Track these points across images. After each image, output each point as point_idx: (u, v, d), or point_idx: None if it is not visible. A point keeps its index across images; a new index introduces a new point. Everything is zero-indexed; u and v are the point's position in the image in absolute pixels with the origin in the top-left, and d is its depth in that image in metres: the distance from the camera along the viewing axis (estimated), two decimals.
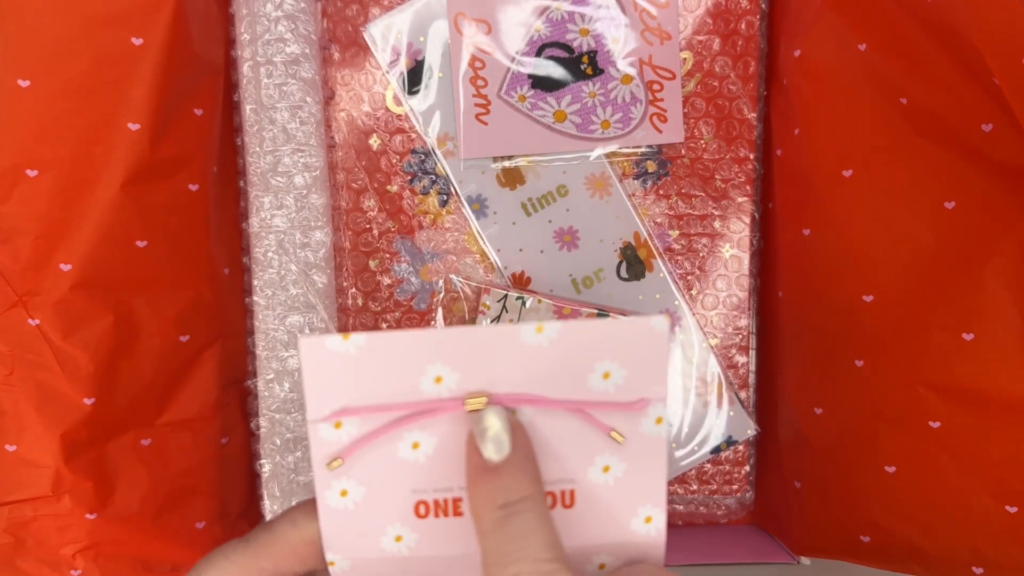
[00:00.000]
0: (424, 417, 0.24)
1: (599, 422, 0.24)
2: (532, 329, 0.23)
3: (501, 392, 0.24)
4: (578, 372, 0.24)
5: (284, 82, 0.46)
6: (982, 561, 0.41)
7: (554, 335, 0.23)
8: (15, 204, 0.39)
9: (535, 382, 0.24)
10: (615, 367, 0.24)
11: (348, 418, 0.24)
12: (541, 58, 0.49)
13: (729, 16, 0.49)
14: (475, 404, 0.24)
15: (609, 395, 0.24)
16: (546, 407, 0.24)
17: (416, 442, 0.24)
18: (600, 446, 0.25)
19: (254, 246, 0.47)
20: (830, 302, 0.45)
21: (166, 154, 0.43)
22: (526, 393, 0.24)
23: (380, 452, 0.24)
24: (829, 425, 0.47)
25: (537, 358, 0.24)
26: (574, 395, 0.24)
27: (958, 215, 0.39)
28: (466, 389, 0.24)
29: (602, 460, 0.25)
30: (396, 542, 0.25)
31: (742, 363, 0.52)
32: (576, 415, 0.24)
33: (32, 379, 0.41)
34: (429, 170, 0.50)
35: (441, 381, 0.24)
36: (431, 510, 0.25)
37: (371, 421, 0.24)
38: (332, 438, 0.24)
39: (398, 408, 0.24)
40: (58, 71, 0.39)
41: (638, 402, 0.24)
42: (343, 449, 0.24)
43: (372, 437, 0.24)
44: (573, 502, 0.25)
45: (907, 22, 0.39)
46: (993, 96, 0.35)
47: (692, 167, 0.51)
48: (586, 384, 0.24)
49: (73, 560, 0.42)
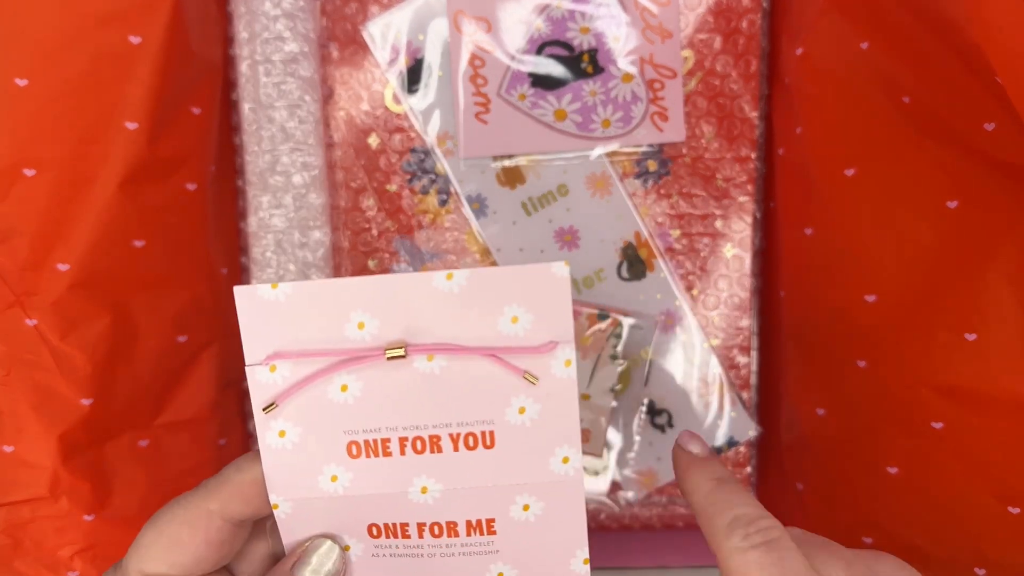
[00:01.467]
0: (349, 365, 0.26)
1: (512, 365, 0.26)
2: (443, 276, 0.25)
3: (418, 341, 0.26)
4: (488, 316, 0.26)
5: (282, 81, 0.46)
6: (984, 562, 0.41)
7: (463, 281, 0.25)
8: (12, 204, 0.39)
9: (449, 326, 0.26)
10: (522, 311, 0.26)
11: (281, 362, 0.26)
12: (541, 56, 0.49)
13: (731, 14, 0.49)
14: (394, 353, 0.26)
15: (519, 339, 0.26)
16: (461, 354, 0.26)
17: (344, 384, 0.26)
18: (515, 387, 0.26)
19: (252, 246, 0.47)
20: (832, 302, 0.45)
21: (164, 153, 0.43)
22: (441, 342, 0.26)
23: (312, 395, 0.26)
24: (831, 426, 0.46)
25: (449, 303, 0.25)
26: (486, 340, 0.26)
27: (961, 214, 0.39)
28: (386, 335, 0.26)
29: (517, 402, 0.26)
30: (332, 482, 0.27)
31: (744, 363, 0.52)
32: (490, 359, 0.26)
33: (30, 380, 0.41)
34: (428, 169, 0.50)
35: (363, 327, 0.26)
36: (362, 450, 0.27)
37: (302, 365, 0.26)
38: (268, 381, 0.26)
39: (325, 354, 0.26)
40: (55, 70, 0.39)
41: (547, 344, 0.26)
42: (277, 393, 0.26)
43: (301, 384, 0.26)
44: (494, 443, 0.27)
45: (909, 20, 0.38)
46: (996, 95, 0.35)
47: (693, 166, 0.50)
48: (496, 328, 0.26)
49: (71, 561, 0.42)
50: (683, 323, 0.51)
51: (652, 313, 0.51)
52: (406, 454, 0.27)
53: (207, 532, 0.26)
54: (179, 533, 0.26)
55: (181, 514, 0.27)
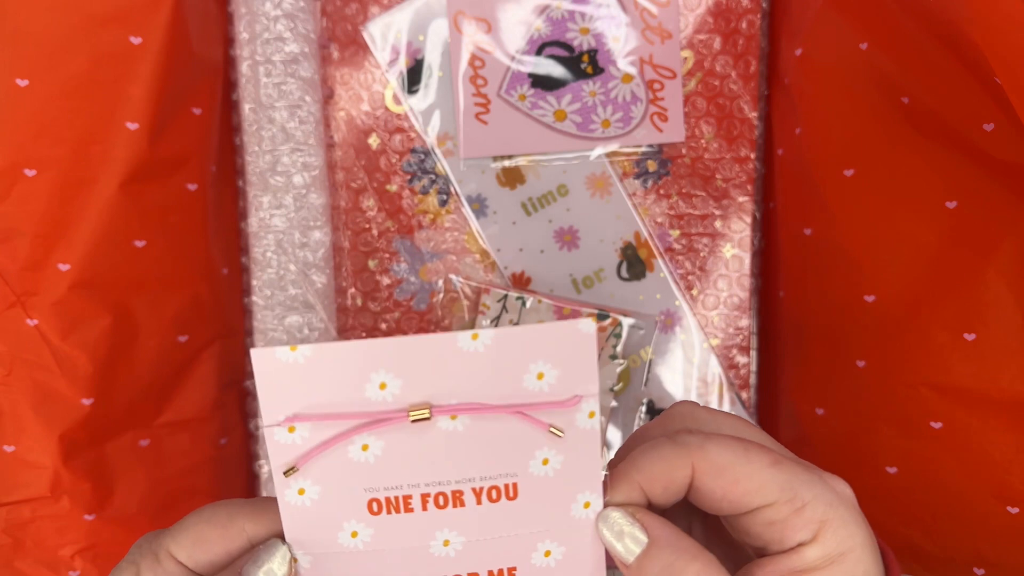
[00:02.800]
0: (371, 428, 0.26)
1: (537, 420, 0.26)
2: (468, 336, 0.25)
3: (442, 402, 0.25)
4: (514, 374, 0.25)
5: (283, 81, 0.46)
6: (983, 562, 0.41)
7: (488, 341, 0.25)
8: (13, 204, 0.39)
9: (474, 386, 0.25)
10: (548, 367, 0.25)
11: (300, 424, 0.25)
12: (541, 57, 0.49)
13: (730, 15, 0.49)
14: (418, 415, 0.25)
15: (544, 395, 0.26)
16: (486, 413, 0.26)
17: (365, 444, 0.26)
18: (539, 441, 0.26)
19: (253, 246, 0.47)
20: (831, 302, 0.45)
21: (164, 153, 0.43)
22: (466, 402, 0.25)
23: (332, 454, 0.26)
24: (830, 426, 0.47)
25: (474, 363, 0.25)
26: (511, 397, 0.26)
27: (960, 215, 0.39)
28: (409, 395, 0.25)
29: (541, 454, 0.26)
30: (353, 537, 0.27)
31: (743, 363, 0.52)
32: (515, 416, 0.26)
33: (30, 379, 0.41)
34: (429, 169, 0.50)
35: (385, 387, 0.25)
36: (383, 507, 0.27)
37: (322, 428, 0.26)
38: (287, 441, 0.26)
39: (346, 417, 0.25)
40: (56, 70, 0.39)
41: (572, 399, 0.26)
42: (298, 456, 0.26)
43: (322, 448, 0.26)
44: (516, 494, 0.27)
45: (908, 21, 0.38)
46: (995, 95, 0.35)
47: (693, 166, 0.50)
48: (522, 385, 0.25)
49: (71, 561, 0.42)
50: (682, 323, 0.51)
51: (652, 313, 0.51)
52: (428, 509, 0.27)
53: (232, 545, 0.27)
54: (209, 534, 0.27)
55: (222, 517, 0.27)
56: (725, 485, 0.26)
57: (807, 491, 0.26)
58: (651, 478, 0.26)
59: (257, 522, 0.27)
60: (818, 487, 0.26)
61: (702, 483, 0.26)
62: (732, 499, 0.26)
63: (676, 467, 0.26)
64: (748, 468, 0.26)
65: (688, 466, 0.26)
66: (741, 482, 0.26)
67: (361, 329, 0.51)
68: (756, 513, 0.26)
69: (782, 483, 0.26)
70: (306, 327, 0.47)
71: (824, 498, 0.26)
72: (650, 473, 0.26)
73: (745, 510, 0.26)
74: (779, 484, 0.26)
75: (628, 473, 0.27)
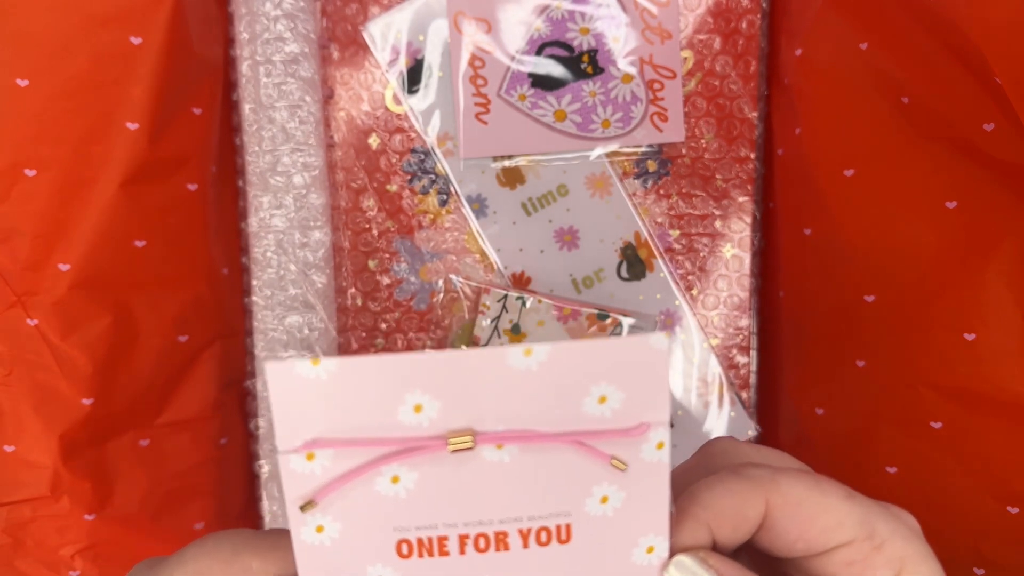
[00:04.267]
0: (403, 457, 0.22)
1: (598, 451, 0.22)
2: (520, 352, 0.21)
3: (487, 428, 0.22)
4: (572, 397, 0.22)
5: (283, 81, 0.46)
6: (983, 562, 0.41)
7: (543, 357, 0.21)
8: (13, 204, 0.39)
9: (524, 411, 0.22)
10: (612, 390, 0.22)
11: (321, 450, 0.22)
12: (541, 57, 0.49)
13: (730, 15, 0.49)
14: (459, 444, 0.22)
15: (606, 421, 0.22)
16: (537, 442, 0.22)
17: (396, 476, 0.22)
18: (598, 475, 0.23)
19: (253, 246, 0.47)
20: (831, 302, 0.45)
21: (165, 154, 0.43)
22: (515, 429, 0.22)
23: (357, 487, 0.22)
24: (830, 425, 0.47)
25: (526, 383, 0.21)
26: (568, 423, 0.22)
27: (960, 215, 0.39)
28: (448, 420, 0.22)
29: (600, 490, 0.23)
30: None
31: (743, 363, 0.52)
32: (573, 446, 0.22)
33: (31, 379, 0.41)
34: (429, 169, 0.50)
35: (421, 410, 0.22)
36: (415, 549, 0.23)
37: (346, 455, 0.22)
38: (304, 470, 0.22)
39: (374, 444, 0.22)
40: (56, 70, 0.39)
41: (638, 427, 0.22)
42: (316, 488, 0.22)
43: (346, 479, 0.22)
44: (569, 537, 0.23)
45: (908, 21, 0.38)
46: (995, 95, 0.35)
47: (693, 167, 0.50)
48: (580, 410, 0.22)
49: (72, 561, 0.42)
50: (682, 323, 0.51)
51: (652, 313, 0.51)
52: (466, 553, 0.23)
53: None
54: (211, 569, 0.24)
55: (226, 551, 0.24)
56: (802, 522, 0.23)
57: (884, 526, 0.24)
58: (720, 516, 0.23)
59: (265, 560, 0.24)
60: (893, 521, 0.24)
61: (776, 521, 0.24)
62: (809, 538, 0.23)
63: (748, 503, 0.23)
64: (825, 502, 0.23)
65: (761, 502, 0.23)
66: (819, 518, 0.23)
67: (361, 329, 0.51)
68: (833, 553, 0.24)
69: (860, 518, 0.24)
70: (306, 327, 0.47)
71: (900, 532, 0.24)
72: (719, 510, 0.23)
73: (822, 549, 0.24)
74: (857, 519, 0.23)
75: (693, 511, 0.24)
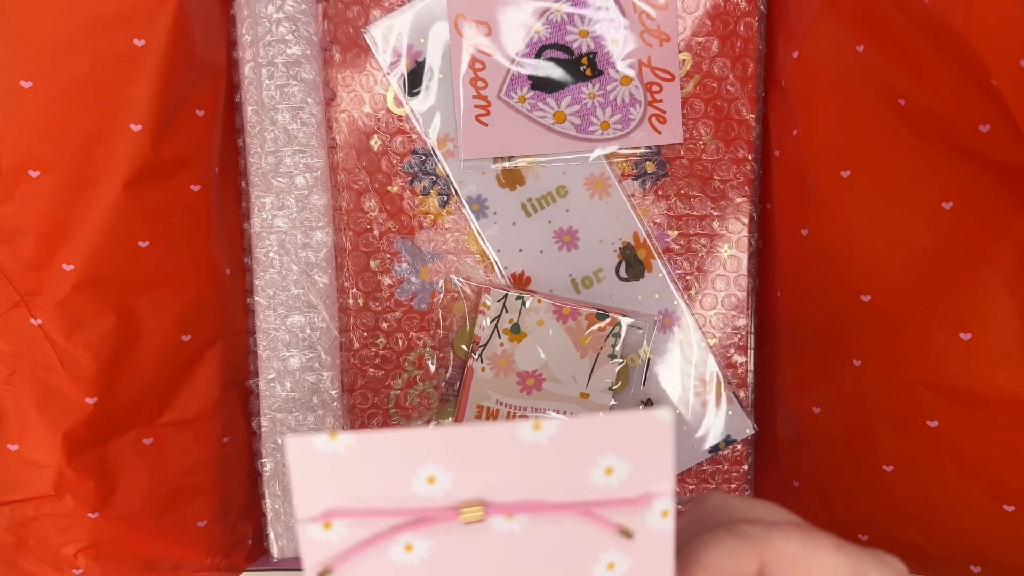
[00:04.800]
0: (417, 527, 0.23)
1: (606, 520, 0.23)
2: (529, 427, 0.22)
3: (498, 499, 0.23)
4: (579, 469, 0.23)
5: (285, 83, 0.46)
6: (980, 560, 0.41)
7: (552, 432, 0.22)
8: (17, 204, 0.39)
9: (534, 482, 0.23)
10: (618, 461, 0.23)
11: (338, 520, 0.23)
12: (541, 59, 0.49)
13: (728, 18, 0.49)
14: (471, 515, 0.23)
15: (613, 491, 0.23)
16: (547, 512, 0.23)
17: (410, 544, 0.23)
18: (605, 543, 0.24)
19: (255, 246, 0.47)
20: (828, 302, 0.46)
21: (168, 155, 0.43)
22: (525, 499, 0.23)
23: (372, 555, 0.23)
24: (827, 424, 0.47)
25: (535, 456, 0.23)
26: (575, 494, 0.23)
27: (956, 215, 0.39)
28: (460, 491, 0.23)
29: (607, 557, 0.24)
30: None
31: (740, 362, 0.52)
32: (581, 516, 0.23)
33: (34, 379, 0.41)
34: (429, 171, 0.50)
35: (434, 482, 0.23)
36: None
37: (362, 525, 0.23)
38: (322, 539, 0.23)
39: (389, 514, 0.23)
40: (60, 72, 0.39)
41: (643, 497, 0.23)
42: (333, 556, 0.23)
43: (362, 548, 0.23)
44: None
45: (905, 23, 0.39)
46: (991, 97, 0.35)
47: (691, 168, 0.51)
48: (588, 481, 0.23)
49: (75, 559, 0.43)
50: (681, 323, 0.51)
51: (650, 313, 0.51)
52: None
53: None
54: None
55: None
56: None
57: (874, 573, 0.24)
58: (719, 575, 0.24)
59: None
60: (882, 567, 0.25)
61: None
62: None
63: (745, 561, 0.24)
64: (818, 555, 0.24)
65: (756, 559, 0.24)
66: (813, 571, 0.24)
67: (363, 329, 0.51)
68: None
69: (851, 568, 0.24)
70: (308, 327, 0.48)
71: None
72: (717, 570, 0.24)
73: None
74: (848, 569, 0.24)
75: (693, 572, 0.24)
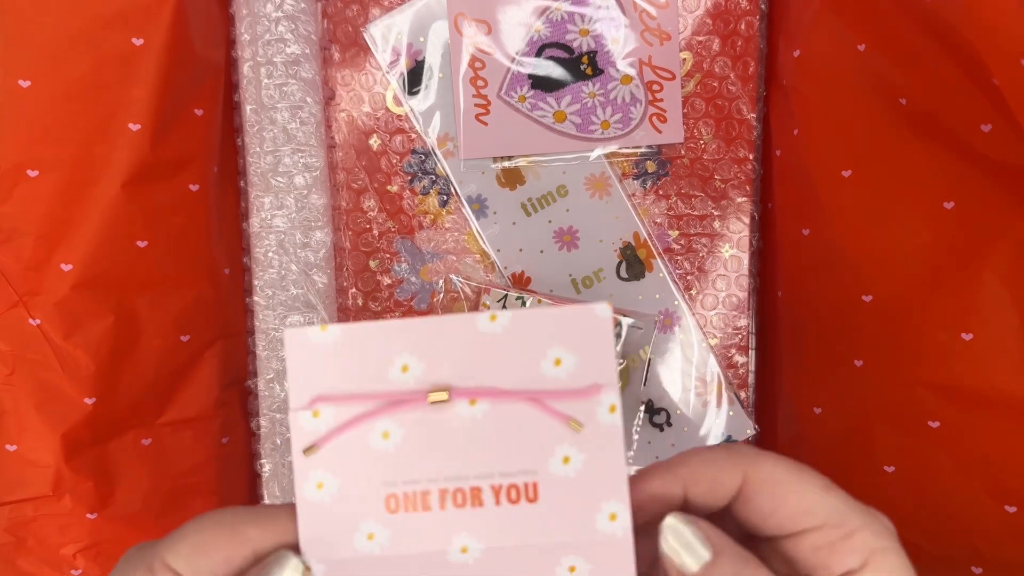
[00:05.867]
0: (391, 410, 0.26)
1: (556, 411, 0.26)
2: (487, 317, 0.25)
3: (461, 385, 0.26)
4: (531, 358, 0.25)
5: (284, 82, 0.46)
6: (981, 560, 0.41)
7: (506, 322, 0.25)
8: (16, 204, 0.39)
9: (492, 369, 0.26)
10: (565, 352, 0.25)
11: (325, 407, 0.26)
12: (541, 58, 0.49)
13: (729, 17, 0.49)
14: (437, 397, 0.25)
15: (562, 382, 0.25)
16: (504, 399, 0.26)
17: (386, 431, 0.26)
18: (559, 435, 0.26)
19: (255, 246, 0.47)
20: (829, 302, 0.46)
21: (167, 154, 0.43)
22: (484, 386, 0.26)
23: (353, 441, 0.26)
24: (828, 425, 0.47)
25: (492, 345, 0.25)
26: (529, 383, 0.26)
27: (957, 215, 0.39)
28: (430, 377, 0.26)
29: (561, 450, 0.26)
30: (369, 540, 0.26)
31: (741, 363, 0.52)
32: (533, 404, 0.26)
33: (33, 379, 0.41)
34: (429, 170, 0.50)
35: (408, 370, 0.26)
36: (401, 504, 0.26)
37: (345, 410, 0.26)
38: (310, 427, 0.26)
39: (368, 398, 0.26)
40: (59, 72, 0.39)
41: (591, 388, 0.25)
42: (319, 438, 0.26)
43: (344, 428, 0.26)
44: (536, 496, 0.26)
45: (906, 23, 0.39)
46: (992, 97, 0.35)
47: (692, 167, 0.51)
48: (539, 371, 0.25)
49: (74, 560, 0.43)
50: (681, 323, 0.51)
51: (651, 313, 0.51)
52: (446, 508, 0.26)
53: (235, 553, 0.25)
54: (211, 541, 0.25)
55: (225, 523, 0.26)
56: (776, 500, 0.25)
57: (857, 518, 0.25)
58: (696, 475, 0.26)
59: (264, 529, 0.26)
60: (867, 516, 0.25)
61: (752, 494, 0.26)
62: (781, 516, 0.25)
63: (726, 471, 0.26)
64: (801, 487, 0.25)
65: (739, 474, 0.26)
66: (791, 499, 0.25)
67: None
68: (803, 536, 0.25)
69: (832, 507, 0.25)
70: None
71: (872, 527, 0.25)
72: (696, 470, 0.26)
73: (793, 531, 0.25)
74: (829, 507, 0.25)
75: (673, 467, 0.26)
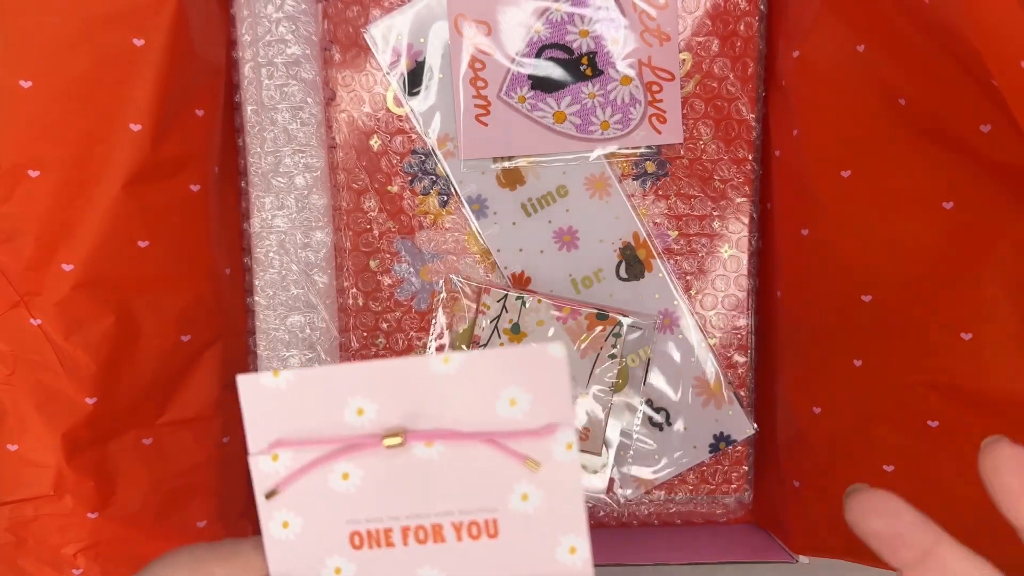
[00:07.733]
0: (348, 453, 0.26)
1: (512, 451, 0.25)
2: (440, 360, 0.25)
3: (417, 428, 0.25)
4: (486, 399, 0.25)
5: (285, 83, 0.46)
6: None
7: (460, 364, 0.25)
8: (17, 204, 0.39)
9: (447, 412, 0.25)
10: (520, 392, 0.25)
11: (283, 450, 0.26)
12: (541, 59, 0.49)
13: (728, 17, 0.49)
14: (391, 442, 0.25)
15: (518, 422, 0.25)
16: (460, 440, 0.25)
17: (346, 473, 0.26)
18: (517, 474, 0.26)
19: (255, 246, 0.47)
20: (828, 302, 0.46)
21: (167, 154, 0.43)
22: (439, 428, 0.25)
23: (314, 484, 0.26)
24: (827, 424, 0.47)
25: (446, 387, 0.25)
26: (485, 424, 0.25)
27: (956, 215, 0.39)
28: (384, 420, 0.25)
29: (520, 488, 0.26)
30: (336, 574, 0.27)
31: (741, 362, 0.52)
32: (490, 445, 0.25)
33: (34, 379, 0.41)
34: (429, 171, 0.50)
35: (363, 413, 0.25)
36: (365, 541, 0.26)
37: (303, 454, 0.26)
38: (270, 470, 0.26)
39: (325, 442, 0.26)
40: (60, 72, 0.39)
41: (547, 427, 0.25)
42: (279, 481, 0.26)
43: (303, 472, 0.26)
44: (497, 532, 0.26)
45: (906, 23, 0.39)
46: (992, 97, 0.35)
47: (691, 168, 0.51)
48: (494, 411, 0.25)
49: (74, 559, 0.43)
50: (681, 323, 0.51)
51: (650, 313, 0.51)
52: (409, 544, 0.26)
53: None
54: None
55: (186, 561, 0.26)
56: None
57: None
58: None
59: (227, 565, 0.26)
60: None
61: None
62: None
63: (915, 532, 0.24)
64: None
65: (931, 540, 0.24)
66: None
67: (362, 329, 0.51)
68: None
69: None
70: (308, 327, 0.48)
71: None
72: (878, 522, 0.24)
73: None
74: None
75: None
